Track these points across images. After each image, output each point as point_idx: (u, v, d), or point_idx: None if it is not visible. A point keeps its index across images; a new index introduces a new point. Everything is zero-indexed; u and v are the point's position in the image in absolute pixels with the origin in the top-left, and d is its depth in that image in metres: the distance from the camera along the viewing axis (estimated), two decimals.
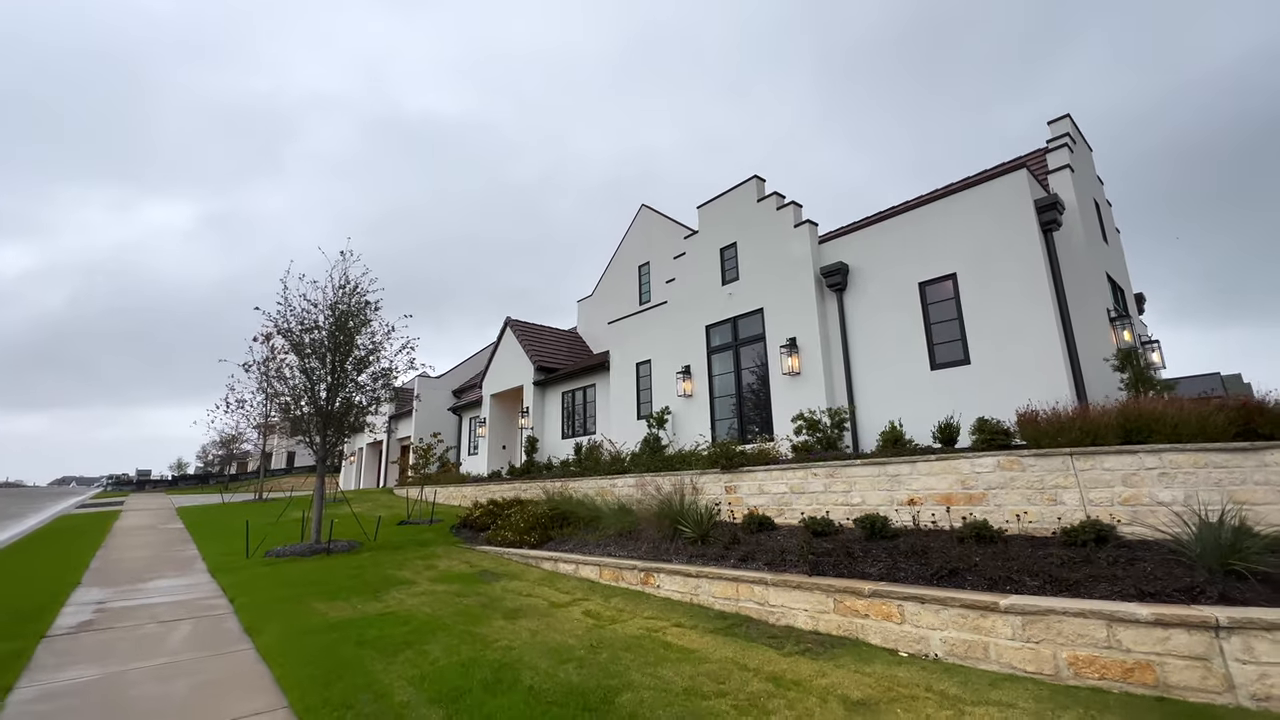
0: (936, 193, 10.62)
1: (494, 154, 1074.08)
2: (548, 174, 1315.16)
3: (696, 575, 5.91)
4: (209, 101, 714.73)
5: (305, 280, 10.44)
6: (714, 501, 8.82)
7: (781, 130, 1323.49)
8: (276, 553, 9.43)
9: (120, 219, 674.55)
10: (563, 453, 17.40)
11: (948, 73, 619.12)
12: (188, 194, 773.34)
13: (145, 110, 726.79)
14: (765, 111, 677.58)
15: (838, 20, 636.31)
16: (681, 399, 13.00)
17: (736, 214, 12.62)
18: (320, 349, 10.26)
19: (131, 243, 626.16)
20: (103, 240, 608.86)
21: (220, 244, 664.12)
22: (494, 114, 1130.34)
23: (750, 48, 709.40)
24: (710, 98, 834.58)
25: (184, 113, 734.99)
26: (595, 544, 8.21)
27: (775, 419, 11.06)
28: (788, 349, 10.92)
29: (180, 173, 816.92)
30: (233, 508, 18.37)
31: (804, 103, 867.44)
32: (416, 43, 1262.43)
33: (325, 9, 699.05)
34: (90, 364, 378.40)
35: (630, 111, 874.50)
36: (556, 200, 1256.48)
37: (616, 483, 11.19)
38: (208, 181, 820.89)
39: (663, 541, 7.49)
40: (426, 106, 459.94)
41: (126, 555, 10.16)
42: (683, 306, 13.56)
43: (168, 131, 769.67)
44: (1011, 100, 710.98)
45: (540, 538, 9.06)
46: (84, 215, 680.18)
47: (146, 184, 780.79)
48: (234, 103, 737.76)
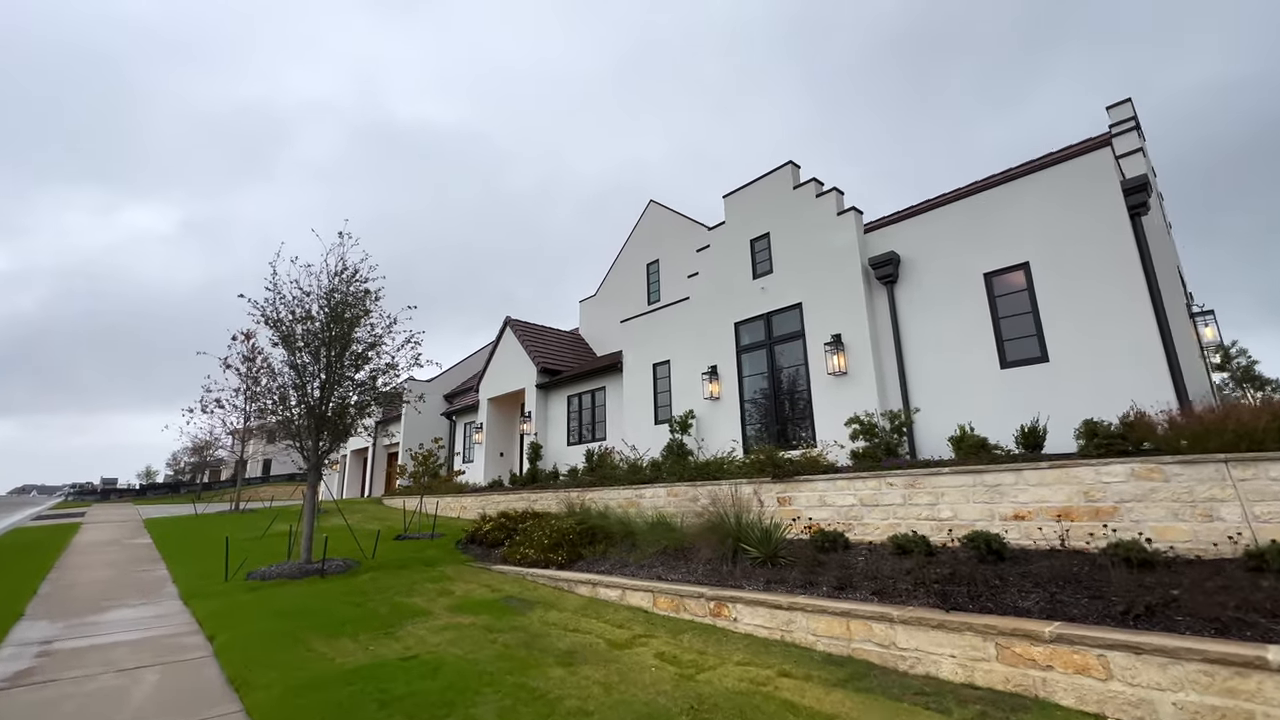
0: (997, 177, 9.83)
1: (487, 164, 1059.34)
2: (541, 184, 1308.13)
3: (789, 608, 4.89)
4: (197, 107, 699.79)
5: (298, 264, 9.26)
6: (764, 515, 7.80)
7: (770, 144, 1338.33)
8: (261, 574, 8.18)
9: (101, 223, 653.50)
10: (569, 460, 16.28)
11: (936, 89, 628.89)
12: (172, 199, 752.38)
13: (131, 114, 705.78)
14: (754, 125, 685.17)
15: (827, 40, 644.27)
16: (708, 402, 12.01)
17: (769, 202, 11.73)
18: (313, 342, 9.07)
19: (111, 247, 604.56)
20: (82, 244, 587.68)
21: (203, 250, 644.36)
22: (487, 125, 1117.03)
23: (741, 67, 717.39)
24: (701, 113, 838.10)
25: (172, 118, 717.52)
26: (637, 565, 7.14)
27: (818, 423, 10.12)
28: (832, 347, 10.00)
29: (165, 178, 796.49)
30: (207, 520, 16.86)
31: (792, 115, 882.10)
32: (410, 53, 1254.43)
33: (317, 14, 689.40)
34: (62, 370, 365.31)
35: (622, 126, 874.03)
36: (549, 210, 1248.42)
37: (643, 493, 10.13)
38: (193, 187, 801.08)
39: (720, 563, 6.47)
40: (419, 115, 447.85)
41: (83, 577, 8.81)
42: (708, 303, 12.60)
43: (154, 136, 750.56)
44: (995, 115, 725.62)
45: (568, 556, 7.96)
46: (63, 219, 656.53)
47: (129, 188, 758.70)
48: (223, 108, 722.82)
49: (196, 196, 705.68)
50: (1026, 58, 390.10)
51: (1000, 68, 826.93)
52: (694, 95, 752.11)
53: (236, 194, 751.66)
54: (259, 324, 9.06)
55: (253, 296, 9.21)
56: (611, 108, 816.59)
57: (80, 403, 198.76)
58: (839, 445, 9.07)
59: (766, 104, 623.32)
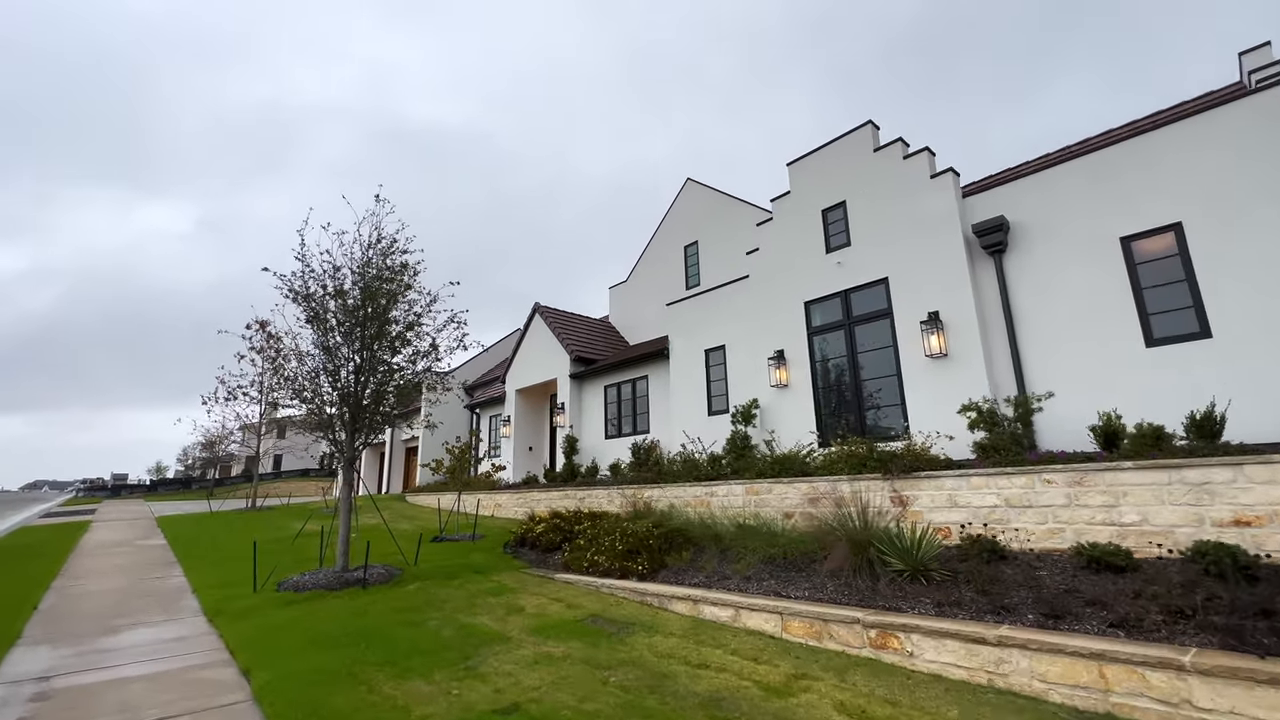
0: (1131, 126, 8.62)
1: (495, 164, 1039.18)
2: (547, 184, 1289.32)
3: (997, 643, 3.77)
4: (212, 107, 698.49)
5: (330, 231, 8.16)
6: (879, 518, 6.68)
7: (779, 141, 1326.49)
8: (294, 584, 7.13)
9: (117, 223, 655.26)
10: (608, 454, 15.20)
11: (944, 89, 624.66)
12: (187, 198, 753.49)
13: (150, 115, 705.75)
14: (763, 124, 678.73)
15: (843, 35, 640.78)
16: (774, 390, 10.88)
17: (844, 167, 10.55)
18: (347, 320, 7.99)
19: (126, 247, 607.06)
20: (97, 244, 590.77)
21: (216, 249, 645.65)
22: (494, 126, 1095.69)
23: (749, 67, 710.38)
24: (708, 113, 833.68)
25: (188, 118, 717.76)
26: (740, 577, 6.03)
27: (911, 412, 8.98)
28: (929, 326, 8.84)
29: (180, 177, 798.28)
30: (223, 518, 15.88)
31: (801, 115, 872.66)
32: (421, 54, 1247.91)
33: (330, 16, 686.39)
34: (74, 367, 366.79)
35: (628, 125, 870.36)
36: (557, 208, 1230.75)
37: (714, 491, 9.03)
38: (208, 186, 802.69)
39: (851, 576, 5.35)
40: (428, 116, 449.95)
41: (92, 587, 7.79)
42: (771, 281, 11.45)
43: (169, 136, 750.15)
44: (1010, 108, 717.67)
45: (650, 565, 6.86)
46: (81, 218, 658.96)
47: (145, 188, 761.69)
48: (238, 109, 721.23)
49: (210, 196, 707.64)
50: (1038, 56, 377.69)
51: (1012, 62, 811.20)
52: (701, 94, 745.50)
53: (249, 193, 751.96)
54: (286, 298, 7.98)
55: (279, 270, 8.14)
56: (618, 107, 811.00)
57: (91, 399, 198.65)
58: (946, 436, 7.93)
59: (776, 103, 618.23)
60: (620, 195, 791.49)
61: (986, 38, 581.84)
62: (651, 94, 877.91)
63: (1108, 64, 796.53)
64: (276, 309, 8.03)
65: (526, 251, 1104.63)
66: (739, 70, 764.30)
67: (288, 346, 8.02)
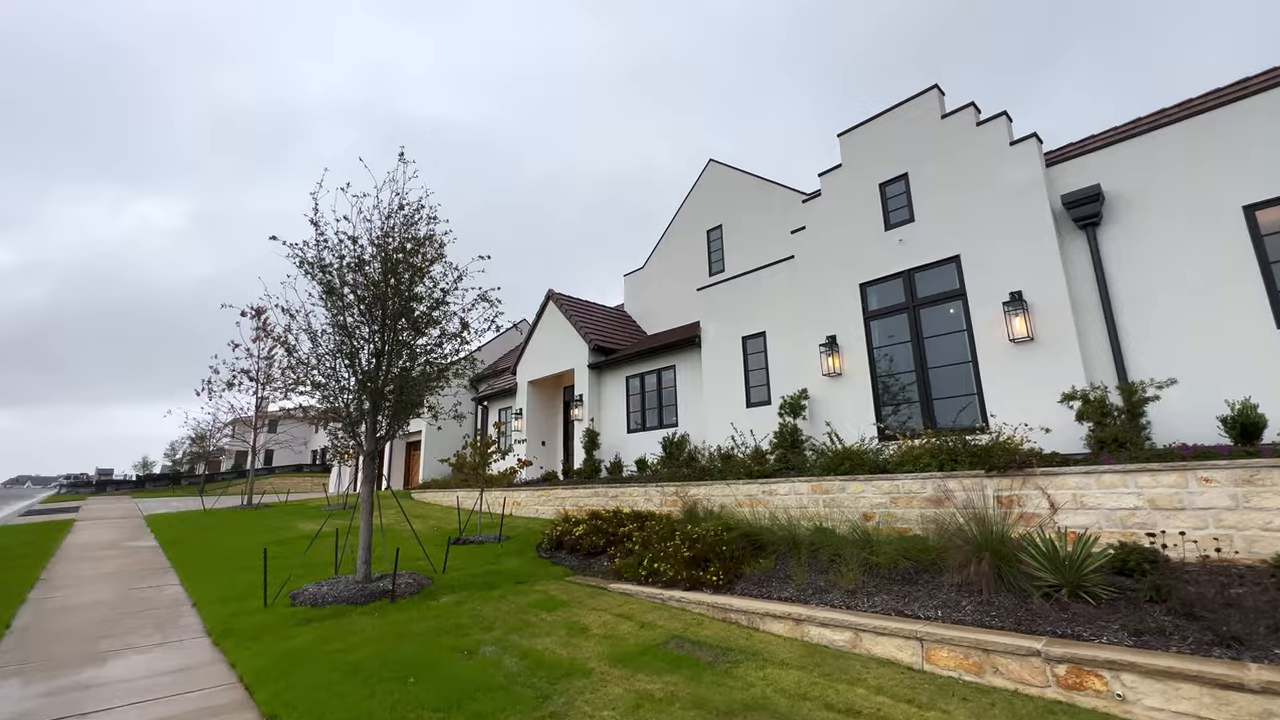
0: (1240, 86, 7.81)
1: (495, 163, 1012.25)
2: (548, 180, 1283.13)
3: (1260, 689, 2.92)
4: (211, 103, 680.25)
5: (349, 193, 7.17)
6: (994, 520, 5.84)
7: (776, 142, 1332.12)
8: (311, 597, 6.18)
9: (111, 218, 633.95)
10: (631, 449, 14.32)
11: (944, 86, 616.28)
12: (183, 193, 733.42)
13: (148, 111, 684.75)
14: (762, 125, 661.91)
15: (836, 40, 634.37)
16: (826, 379, 10.02)
17: (906, 137, 9.68)
18: (369, 294, 7.03)
19: (120, 242, 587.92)
20: (91, 238, 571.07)
21: (210, 244, 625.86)
22: (496, 124, 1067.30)
23: (748, 70, 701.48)
24: (707, 113, 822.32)
25: (186, 114, 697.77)
26: (844, 590, 5.16)
27: (989, 401, 8.14)
28: (1012, 307, 8.01)
29: (176, 172, 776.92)
30: (218, 517, 14.84)
31: (802, 116, 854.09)
32: (423, 53, 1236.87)
33: (327, 16, 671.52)
34: (63, 361, 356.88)
35: (630, 128, 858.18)
36: (555, 206, 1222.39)
37: (773, 489, 8.17)
38: (205, 182, 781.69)
39: (992, 592, 4.50)
40: (430, 115, 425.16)
41: (75, 598, 6.81)
42: (820, 261, 10.57)
43: (166, 131, 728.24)
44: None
45: (725, 574, 5.97)
46: (75, 213, 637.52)
47: (141, 184, 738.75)
48: (236, 105, 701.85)
49: (207, 192, 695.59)
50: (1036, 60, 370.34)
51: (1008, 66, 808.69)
52: (702, 95, 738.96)
53: (248, 189, 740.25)
54: (299, 269, 7.01)
55: (289, 239, 7.15)
56: (616, 107, 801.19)
57: (79, 394, 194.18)
58: (1040, 428, 7.12)
59: (776, 104, 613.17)
60: (618, 191, 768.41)
61: (987, 40, 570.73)
62: (652, 95, 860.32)
63: (1107, 67, 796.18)
64: (289, 280, 7.02)
65: (527, 246, 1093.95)
66: (740, 71, 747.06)
67: (299, 325, 7.03)
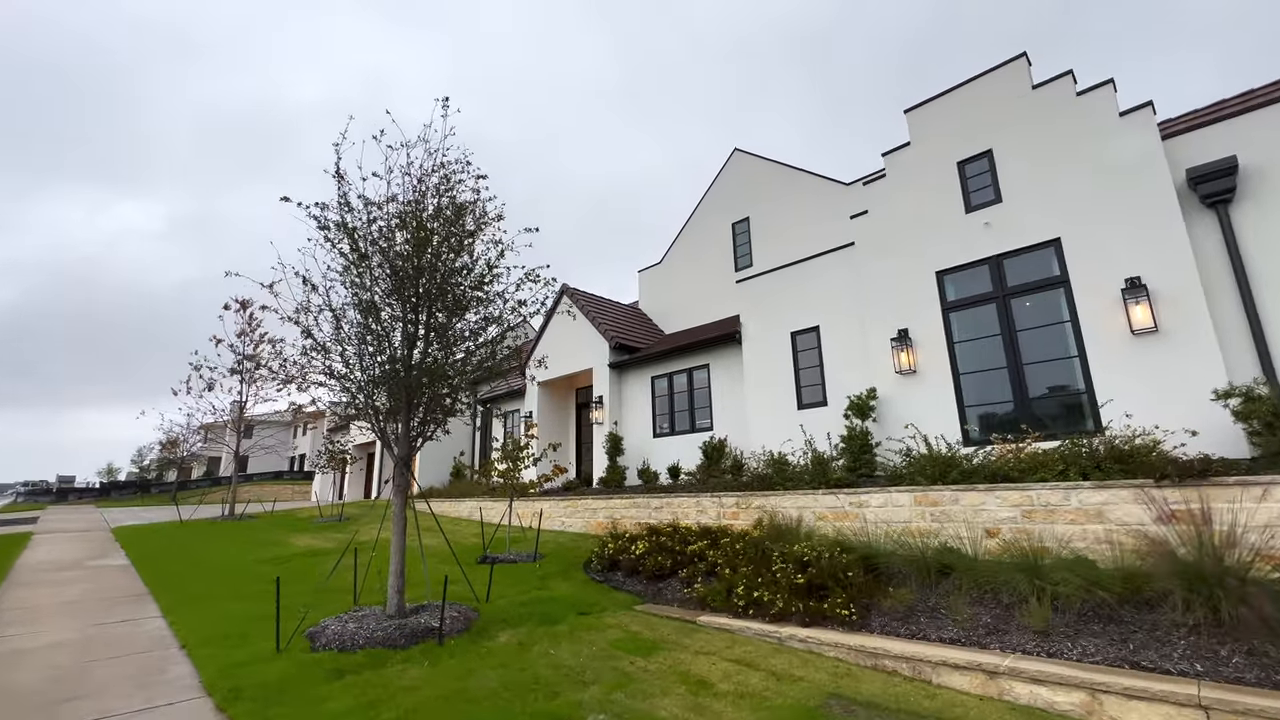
0: None
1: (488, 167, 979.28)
2: (536, 190, 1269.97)
3: None
4: (203, 108, 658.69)
5: (382, 143, 5.97)
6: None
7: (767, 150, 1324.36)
8: (334, 637, 4.92)
9: (92, 221, 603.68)
10: (659, 455, 13.19)
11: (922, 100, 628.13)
12: (167, 198, 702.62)
13: (135, 115, 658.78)
14: (755, 136, 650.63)
15: (832, 56, 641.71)
16: (898, 377, 9.03)
17: (990, 110, 8.79)
18: (407, 267, 5.84)
19: (101, 245, 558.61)
20: (71, 241, 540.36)
21: (194, 249, 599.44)
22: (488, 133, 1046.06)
23: (737, 84, 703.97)
24: (697, 125, 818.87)
25: (174, 118, 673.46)
26: (1035, 632, 4.10)
27: (1100, 399, 7.21)
28: (1132, 294, 7.10)
29: (164, 178, 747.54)
30: (197, 530, 13.31)
31: (788, 132, 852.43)
32: (416, 63, 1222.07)
33: (322, 17, 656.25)
34: (32, 364, 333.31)
35: (620, 139, 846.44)
36: (549, 209, 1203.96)
37: (865, 500, 7.13)
38: (190, 185, 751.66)
39: (1263, 641, 3.48)
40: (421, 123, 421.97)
41: (28, 641, 5.45)
42: (886, 249, 9.62)
43: (153, 134, 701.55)
44: None
45: (852, 607, 4.88)
46: (56, 214, 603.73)
47: (120, 185, 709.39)
48: (229, 109, 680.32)
49: (194, 196, 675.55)
50: None
51: None
52: (692, 107, 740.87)
53: (229, 193, 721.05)
54: (320, 231, 5.80)
55: (302, 200, 5.93)
56: (609, 120, 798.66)
57: (46, 398, 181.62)
58: (1186, 431, 6.18)
59: (768, 117, 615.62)
60: (609, 201, 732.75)
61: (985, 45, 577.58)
62: (644, 108, 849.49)
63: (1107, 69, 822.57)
64: (309, 246, 5.79)
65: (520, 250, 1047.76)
66: (731, 83, 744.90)
67: (320, 301, 5.79)
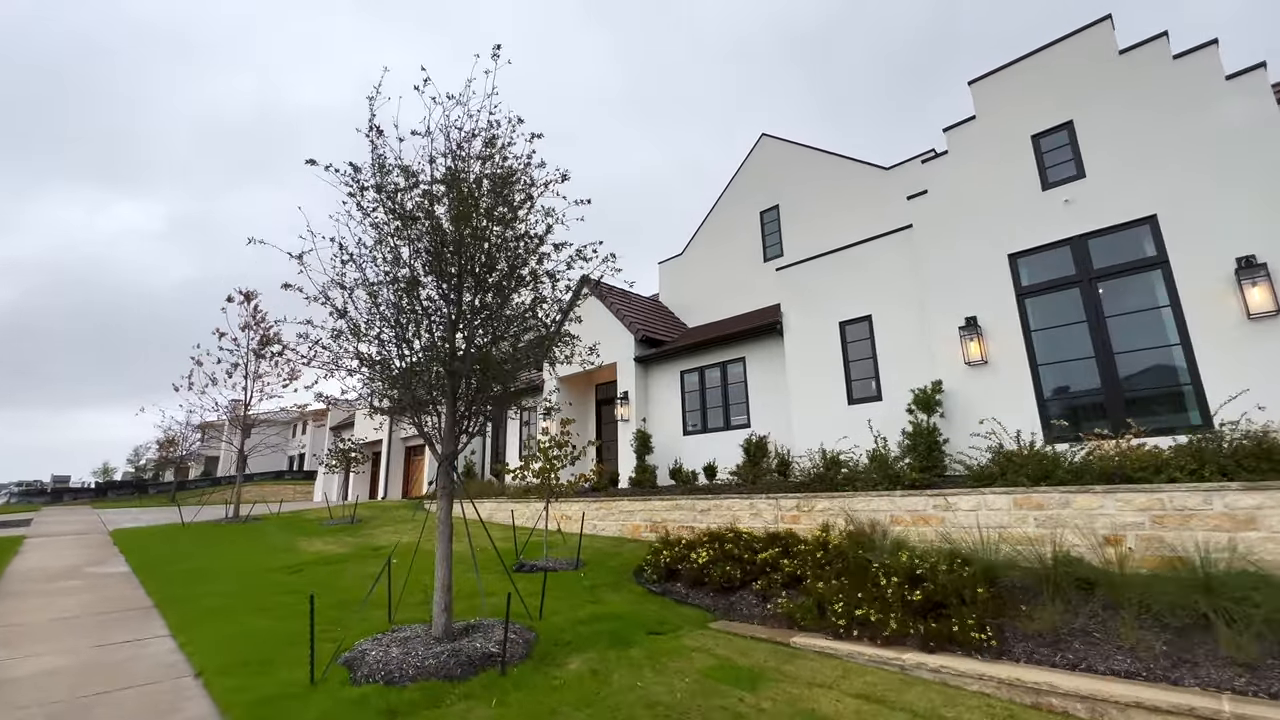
0: None
1: None
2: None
3: None
4: (202, 107, 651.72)
5: (425, 94, 5.22)
6: None
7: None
8: (378, 666, 4.19)
9: (92, 222, 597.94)
10: (690, 454, 12.48)
11: (917, 113, 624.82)
12: (165, 196, 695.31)
13: (134, 115, 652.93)
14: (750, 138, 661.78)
15: (829, 63, 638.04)
16: (967, 368, 8.34)
17: (1069, 78, 8.10)
18: (454, 236, 5.11)
19: (100, 246, 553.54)
20: (70, 242, 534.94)
21: (192, 250, 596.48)
22: None
23: (737, 84, 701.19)
24: (697, 126, 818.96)
25: (174, 117, 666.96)
26: (1233, 663, 3.40)
27: (1212, 395, 6.53)
28: (1248, 275, 6.41)
29: (163, 178, 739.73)
30: (200, 532, 12.56)
31: (788, 132, 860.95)
32: (418, 61, 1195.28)
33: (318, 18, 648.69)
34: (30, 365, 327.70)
35: (620, 139, 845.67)
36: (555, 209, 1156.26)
37: (954, 503, 6.44)
38: (190, 185, 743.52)
39: None
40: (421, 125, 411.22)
41: (16, 669, 4.71)
42: (949, 231, 8.93)
43: (153, 134, 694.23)
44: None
45: (987, 629, 4.17)
46: (56, 215, 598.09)
47: (120, 185, 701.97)
48: (227, 111, 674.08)
49: (194, 196, 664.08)
50: None
51: None
52: (692, 108, 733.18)
53: (237, 194, 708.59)
54: (352, 197, 5.07)
55: (327, 160, 5.19)
56: (609, 123, 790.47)
57: (44, 398, 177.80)
58: (1262, 427, 5.49)
59: (768, 117, 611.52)
60: (607, 202, 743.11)
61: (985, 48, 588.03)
62: (645, 111, 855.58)
63: None
64: (341, 213, 5.05)
65: None
66: (730, 87, 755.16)
67: (354, 276, 5.06)
